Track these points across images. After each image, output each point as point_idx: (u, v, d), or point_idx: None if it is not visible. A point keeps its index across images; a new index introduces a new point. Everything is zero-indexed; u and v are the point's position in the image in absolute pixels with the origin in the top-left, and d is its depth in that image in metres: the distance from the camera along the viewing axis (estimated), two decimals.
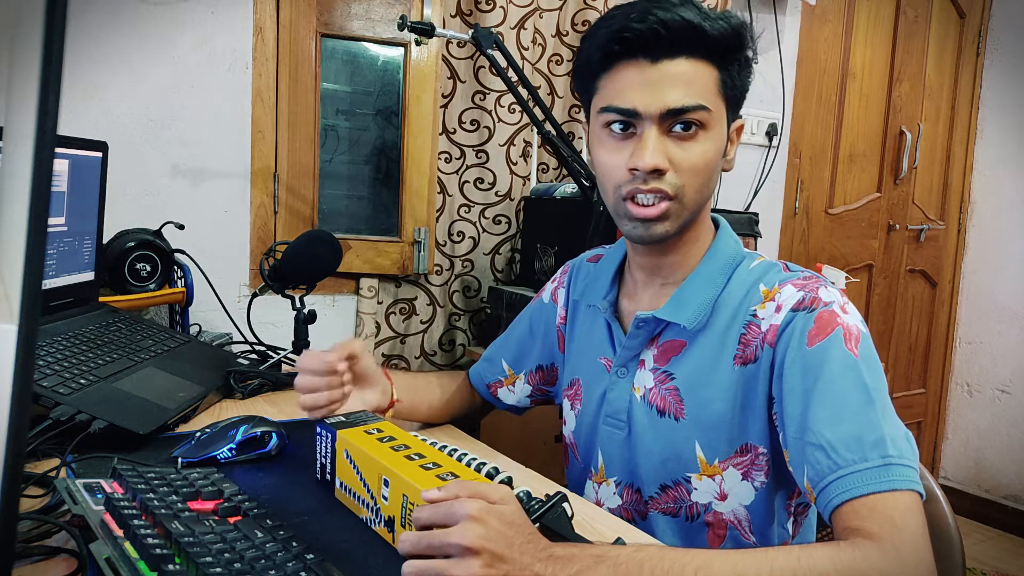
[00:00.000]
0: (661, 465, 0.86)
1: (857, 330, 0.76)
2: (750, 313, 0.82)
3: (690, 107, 0.78)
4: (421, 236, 1.88)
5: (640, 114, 0.79)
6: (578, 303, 1.01)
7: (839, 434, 0.71)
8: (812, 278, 0.81)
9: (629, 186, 0.80)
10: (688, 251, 0.88)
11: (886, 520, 0.66)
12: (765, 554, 0.63)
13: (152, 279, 1.41)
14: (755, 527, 0.84)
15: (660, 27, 0.76)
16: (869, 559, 0.63)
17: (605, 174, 0.84)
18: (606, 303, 0.93)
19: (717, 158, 0.82)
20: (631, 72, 0.79)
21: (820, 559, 0.63)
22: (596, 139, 0.85)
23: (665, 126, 0.79)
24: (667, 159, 0.79)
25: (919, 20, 2.77)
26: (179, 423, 1.00)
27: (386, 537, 0.69)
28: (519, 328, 1.12)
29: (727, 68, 0.81)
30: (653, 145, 0.78)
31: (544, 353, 1.08)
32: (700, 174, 0.81)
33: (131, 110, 1.57)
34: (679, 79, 0.78)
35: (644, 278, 0.91)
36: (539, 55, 2.00)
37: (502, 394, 1.11)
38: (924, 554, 0.66)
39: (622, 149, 0.81)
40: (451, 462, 0.69)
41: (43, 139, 0.29)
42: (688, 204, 0.82)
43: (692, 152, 0.80)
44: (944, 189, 3.02)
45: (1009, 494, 2.88)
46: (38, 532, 0.66)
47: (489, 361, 1.13)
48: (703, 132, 0.80)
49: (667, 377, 0.86)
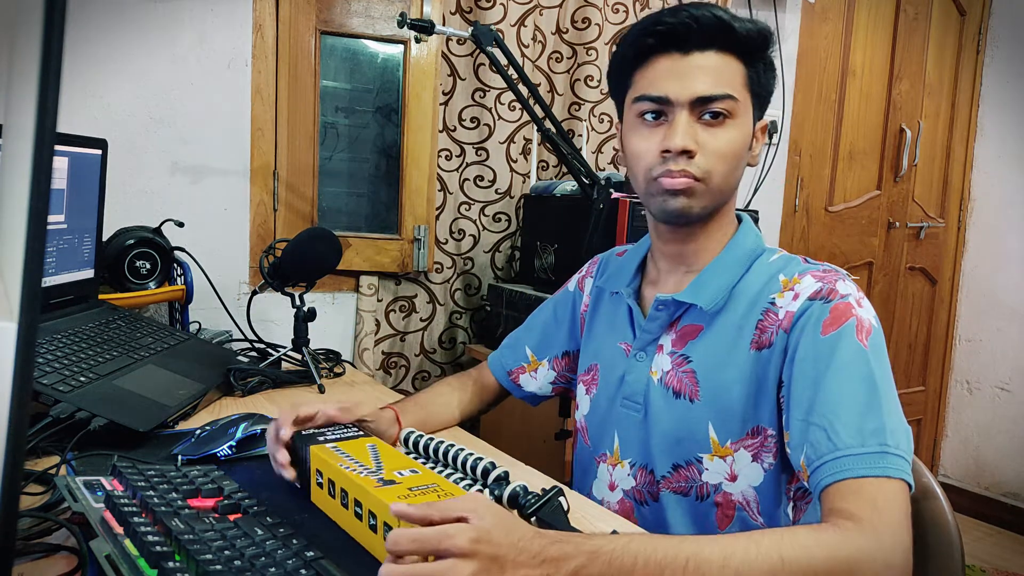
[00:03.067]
0: (675, 444, 0.88)
1: (869, 324, 0.79)
2: (769, 300, 0.84)
3: (719, 96, 0.83)
4: (421, 234, 1.88)
5: (671, 101, 0.83)
6: (602, 291, 1.04)
7: (842, 419, 0.74)
8: (831, 271, 0.84)
9: (660, 168, 0.84)
10: (710, 240, 0.91)
11: (868, 502, 0.69)
12: (750, 536, 0.66)
13: (152, 277, 1.41)
14: (763, 508, 0.86)
15: (692, 21, 0.82)
16: (849, 537, 0.66)
17: (636, 159, 0.87)
18: (629, 289, 0.96)
19: (744, 148, 0.86)
20: (663, 63, 0.84)
21: (803, 538, 0.66)
22: (629, 129, 0.89)
23: (695, 113, 0.84)
24: (696, 143, 0.83)
25: (919, 18, 2.76)
26: (179, 420, 1.00)
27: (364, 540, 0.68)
28: (543, 315, 1.14)
29: (753, 65, 0.86)
30: (683, 129, 0.83)
31: (570, 340, 1.10)
32: (727, 160, 0.85)
33: (130, 108, 1.57)
34: (709, 70, 0.83)
35: (668, 266, 0.94)
36: (539, 52, 2.00)
37: (523, 380, 1.12)
38: (902, 537, 0.68)
39: (654, 135, 0.85)
40: (429, 477, 0.69)
41: (42, 137, 0.29)
42: (713, 188, 0.85)
43: (720, 138, 0.84)
44: (944, 187, 3.02)
45: (1008, 491, 2.88)
46: (38, 529, 0.67)
47: (511, 348, 1.14)
48: (731, 120, 0.84)
49: (684, 360, 0.88)
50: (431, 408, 1.06)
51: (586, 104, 2.05)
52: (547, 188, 1.85)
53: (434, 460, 0.89)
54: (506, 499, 0.77)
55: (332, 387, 1.28)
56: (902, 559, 0.68)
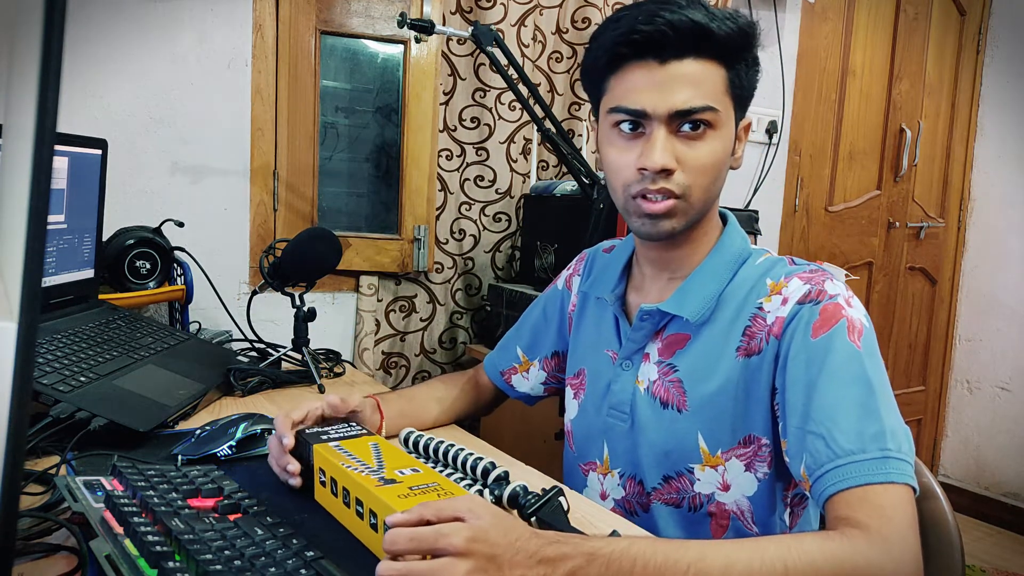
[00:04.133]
0: (664, 456, 0.87)
1: (861, 323, 0.77)
2: (756, 306, 0.83)
3: (698, 108, 0.79)
4: (421, 234, 1.88)
5: (649, 115, 0.80)
6: (588, 295, 1.02)
7: (840, 425, 0.72)
8: (818, 271, 0.82)
9: (638, 186, 0.81)
10: (695, 246, 0.89)
11: (876, 510, 0.67)
12: (756, 544, 0.64)
13: (152, 277, 1.41)
14: (757, 518, 0.85)
15: (668, 28, 0.77)
16: (857, 547, 0.65)
17: (614, 173, 0.84)
18: (613, 296, 0.94)
19: (725, 157, 0.83)
20: (640, 73, 0.80)
21: (809, 548, 0.64)
22: (605, 138, 0.86)
23: (674, 126, 0.80)
24: (675, 159, 0.80)
25: (919, 18, 2.76)
26: (179, 420, 1.00)
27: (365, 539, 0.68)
28: (533, 315, 1.12)
29: (735, 67, 0.81)
30: (662, 145, 0.79)
31: (559, 339, 1.09)
32: (708, 173, 0.82)
33: (130, 107, 1.57)
34: (687, 80, 0.79)
35: (652, 272, 0.92)
36: (539, 52, 2.00)
37: (516, 381, 1.12)
38: (911, 544, 0.67)
39: (631, 149, 0.82)
40: (430, 476, 0.69)
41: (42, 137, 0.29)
42: (695, 203, 0.83)
43: (700, 152, 0.80)
44: (944, 187, 3.02)
45: (1009, 491, 2.88)
46: (38, 529, 0.66)
47: (503, 349, 1.14)
48: (711, 132, 0.81)
49: (671, 369, 0.87)
50: (416, 401, 1.05)
51: (586, 104, 2.05)
52: (547, 188, 1.85)
53: (434, 460, 0.89)
54: (506, 499, 0.77)
55: (332, 387, 1.28)
56: (912, 568, 0.66)
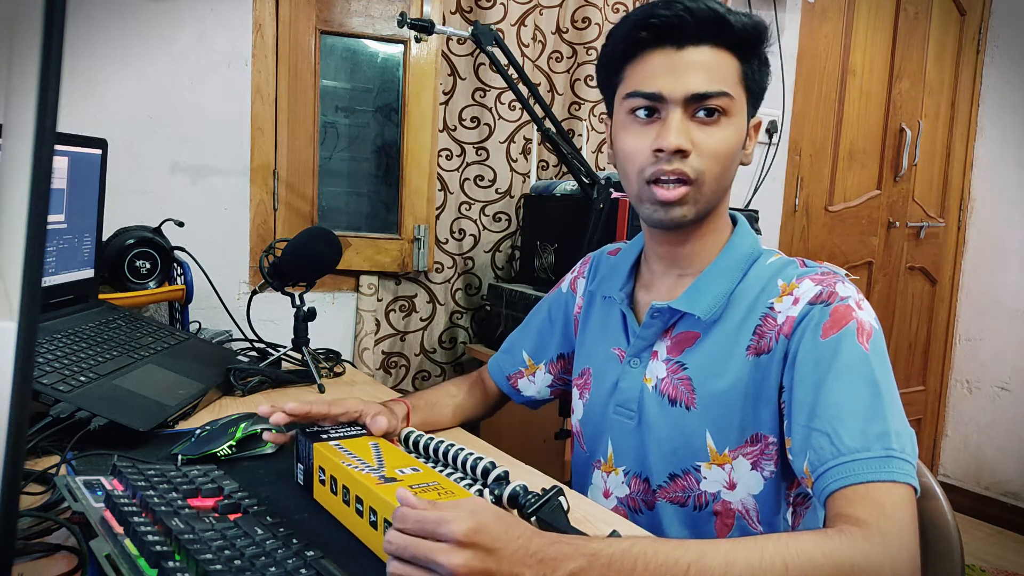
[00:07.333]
0: (671, 454, 0.87)
1: (870, 326, 0.78)
2: (767, 306, 0.83)
3: (713, 93, 0.80)
4: (421, 233, 1.88)
5: (665, 98, 0.81)
6: (594, 294, 1.02)
7: (845, 423, 0.73)
8: (830, 274, 0.83)
9: (653, 168, 0.82)
10: (705, 242, 0.89)
11: (876, 507, 0.68)
12: (755, 542, 0.65)
13: (152, 276, 1.41)
14: (762, 517, 0.85)
15: (686, 14, 0.79)
16: (855, 544, 0.65)
17: (628, 158, 0.85)
18: (622, 294, 0.94)
19: (738, 147, 0.84)
20: (657, 58, 0.82)
21: (808, 545, 0.64)
22: (620, 126, 0.86)
23: (689, 111, 0.81)
24: (690, 141, 0.81)
25: (919, 17, 2.76)
26: (179, 420, 1.00)
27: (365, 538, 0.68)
28: (538, 317, 1.12)
29: (748, 61, 0.83)
30: (677, 127, 0.80)
31: (564, 342, 1.09)
32: (721, 159, 0.82)
33: (130, 107, 1.57)
34: (703, 66, 0.80)
35: (661, 269, 0.92)
36: (539, 52, 2.00)
37: (522, 385, 1.11)
38: (909, 542, 0.67)
39: (647, 133, 0.83)
40: (431, 475, 0.69)
41: (42, 136, 0.29)
42: (706, 190, 0.83)
43: (714, 137, 0.81)
44: (944, 186, 3.02)
45: (1008, 491, 2.88)
46: (38, 529, 0.66)
47: (508, 352, 1.13)
48: (725, 118, 0.82)
49: (679, 367, 0.87)
50: (437, 408, 1.07)
51: (586, 104, 2.05)
52: (547, 188, 1.85)
53: (434, 460, 0.89)
54: (506, 499, 0.77)
55: (332, 387, 1.28)
56: (909, 566, 0.67)
